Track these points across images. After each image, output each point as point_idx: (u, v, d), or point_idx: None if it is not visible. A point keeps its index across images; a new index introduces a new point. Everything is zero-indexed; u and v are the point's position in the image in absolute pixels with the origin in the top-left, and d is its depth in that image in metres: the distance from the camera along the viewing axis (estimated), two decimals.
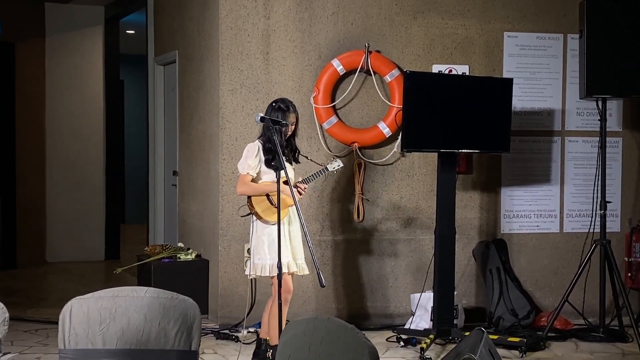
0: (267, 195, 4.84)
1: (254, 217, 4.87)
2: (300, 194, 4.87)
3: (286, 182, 4.56)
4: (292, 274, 4.91)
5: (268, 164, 4.83)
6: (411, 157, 6.33)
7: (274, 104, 4.88)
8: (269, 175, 4.85)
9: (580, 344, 5.83)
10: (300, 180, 4.96)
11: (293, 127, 4.90)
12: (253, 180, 4.87)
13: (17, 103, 8.93)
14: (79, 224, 9.44)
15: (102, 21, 9.60)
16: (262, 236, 4.83)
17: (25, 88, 9.02)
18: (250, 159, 4.84)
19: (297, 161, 5.03)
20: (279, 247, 4.34)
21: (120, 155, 11.03)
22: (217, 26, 6.12)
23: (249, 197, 4.87)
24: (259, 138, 4.94)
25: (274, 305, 4.76)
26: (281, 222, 4.77)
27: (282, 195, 4.68)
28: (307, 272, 5.00)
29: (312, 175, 5.10)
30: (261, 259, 4.81)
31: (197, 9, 6.72)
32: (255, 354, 5.06)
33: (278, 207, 4.39)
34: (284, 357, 2.88)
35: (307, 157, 5.28)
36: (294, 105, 4.93)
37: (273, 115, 4.79)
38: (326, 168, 5.15)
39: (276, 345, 4.68)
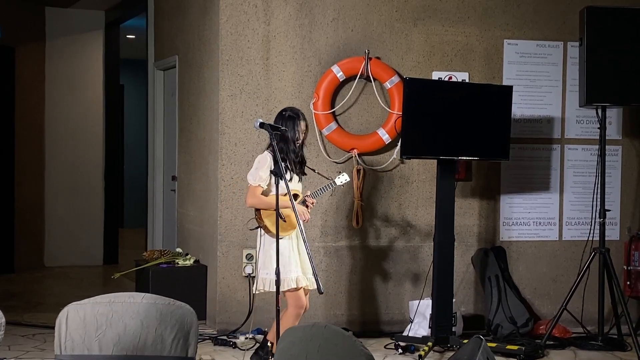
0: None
1: (262, 231, 4.75)
2: (307, 207, 4.81)
3: (295, 197, 4.52)
4: (305, 288, 4.77)
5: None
6: (410, 163, 6.33)
7: (283, 113, 4.82)
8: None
9: (579, 352, 5.82)
10: (308, 194, 4.90)
11: (304, 135, 4.83)
12: (263, 193, 4.75)
13: (16, 107, 8.93)
14: (77, 228, 9.44)
15: (103, 26, 9.62)
16: (270, 250, 4.67)
17: (25, 92, 9.03)
18: (262, 170, 4.70)
19: (304, 173, 4.92)
20: (277, 257, 4.26)
21: (119, 160, 11.02)
22: (217, 32, 6.12)
23: (258, 210, 4.74)
24: (267, 149, 4.82)
25: (285, 317, 4.67)
26: (289, 236, 4.72)
27: (289, 210, 4.61)
28: (315, 286, 4.92)
29: (319, 189, 5.03)
30: (269, 274, 4.64)
31: (197, 15, 6.72)
32: (255, 352, 4.98)
33: (277, 214, 4.35)
34: None
35: (314, 170, 5.20)
36: (302, 113, 4.87)
37: (283, 124, 4.72)
38: (334, 182, 5.08)
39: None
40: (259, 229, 4.80)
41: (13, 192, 8.94)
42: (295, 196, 4.72)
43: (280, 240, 4.64)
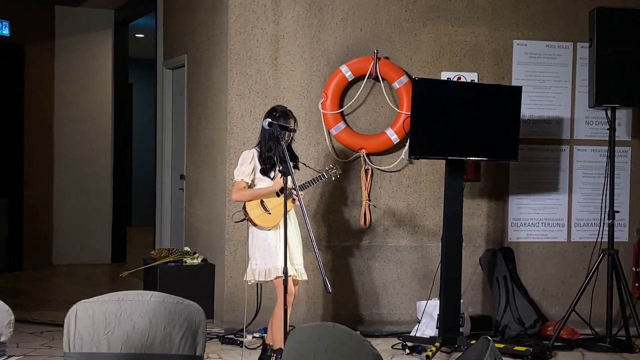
0: (261, 202, 4.86)
1: (249, 223, 4.92)
2: (293, 200, 4.85)
3: (282, 190, 4.59)
4: (293, 278, 4.89)
5: (264, 172, 4.86)
6: (419, 164, 6.32)
7: (274, 113, 4.88)
8: (263, 183, 4.89)
9: (587, 353, 5.80)
10: (292, 187, 4.95)
11: (292, 134, 4.92)
12: (249, 187, 4.92)
13: (25, 105, 8.96)
14: (85, 227, 9.46)
15: (112, 25, 9.63)
16: (256, 242, 4.89)
17: (34, 90, 9.05)
18: (245, 166, 4.89)
19: (297, 167, 5.03)
20: (285, 252, 4.34)
21: (127, 159, 11.05)
22: (226, 31, 6.13)
23: (244, 203, 4.91)
24: (256, 146, 4.97)
25: (277, 309, 4.77)
26: (276, 227, 4.82)
27: (277, 201, 4.73)
28: (305, 277, 5.01)
29: (309, 181, 5.11)
30: (257, 265, 4.86)
31: (206, 14, 6.73)
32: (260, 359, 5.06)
33: (285, 212, 4.40)
34: None
35: (305, 164, 5.29)
36: (291, 111, 4.96)
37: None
38: (323, 175, 5.16)
39: (280, 349, 4.68)
40: (247, 221, 4.93)
41: (22, 191, 8.97)
42: (282, 189, 4.80)
43: (267, 232, 4.84)
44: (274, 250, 4.80)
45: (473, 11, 6.39)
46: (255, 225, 4.89)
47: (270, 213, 4.86)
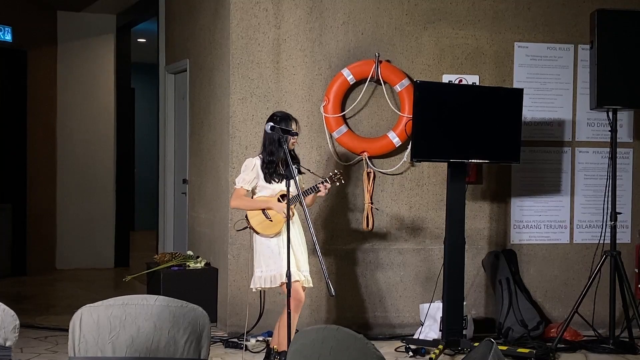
0: (263, 210, 4.87)
1: (251, 231, 4.91)
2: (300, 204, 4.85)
3: (283, 196, 4.59)
4: (300, 283, 4.89)
5: (268, 179, 4.85)
6: (421, 166, 6.33)
7: (275, 118, 4.87)
8: (266, 190, 4.89)
9: (590, 355, 5.80)
10: (296, 194, 4.95)
11: (296, 138, 4.92)
12: (252, 195, 4.92)
13: (28, 110, 8.98)
14: (89, 231, 9.48)
15: (114, 29, 9.66)
16: (259, 249, 4.89)
17: (37, 95, 9.08)
18: (246, 173, 4.89)
19: (300, 172, 5.00)
20: (288, 257, 4.35)
21: (130, 163, 11.06)
22: (228, 35, 6.15)
23: (246, 211, 4.91)
24: (260, 153, 4.97)
25: (284, 313, 4.78)
26: (279, 233, 4.83)
27: (274, 210, 4.77)
28: (311, 284, 5.00)
29: (311, 187, 5.08)
30: (263, 272, 4.86)
31: (208, 18, 6.75)
32: None
33: (287, 216, 4.41)
34: None
35: (308, 170, 5.27)
36: (292, 116, 4.96)
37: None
38: (326, 181, 5.14)
39: (284, 352, 4.70)
40: (249, 229, 4.93)
41: (25, 195, 8.99)
42: (283, 196, 4.80)
43: (269, 239, 4.83)
44: (278, 256, 4.80)
45: (474, 14, 6.41)
46: (257, 233, 4.88)
47: (271, 220, 4.85)
